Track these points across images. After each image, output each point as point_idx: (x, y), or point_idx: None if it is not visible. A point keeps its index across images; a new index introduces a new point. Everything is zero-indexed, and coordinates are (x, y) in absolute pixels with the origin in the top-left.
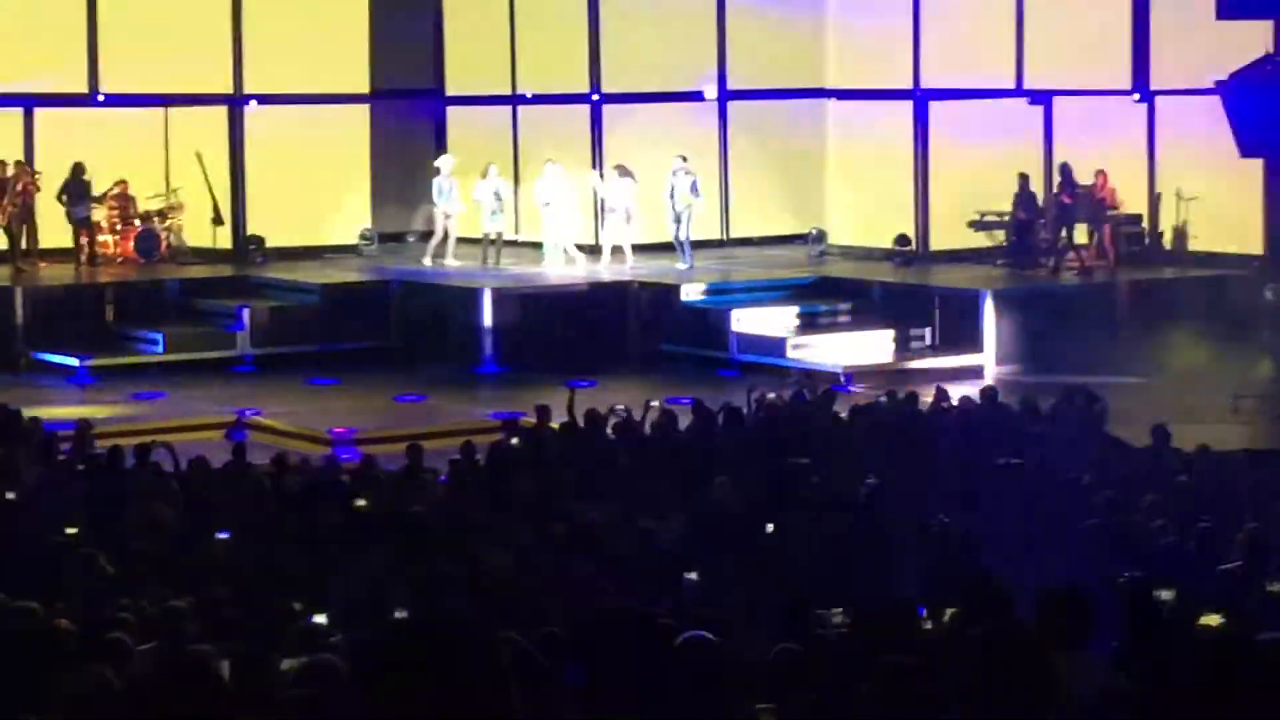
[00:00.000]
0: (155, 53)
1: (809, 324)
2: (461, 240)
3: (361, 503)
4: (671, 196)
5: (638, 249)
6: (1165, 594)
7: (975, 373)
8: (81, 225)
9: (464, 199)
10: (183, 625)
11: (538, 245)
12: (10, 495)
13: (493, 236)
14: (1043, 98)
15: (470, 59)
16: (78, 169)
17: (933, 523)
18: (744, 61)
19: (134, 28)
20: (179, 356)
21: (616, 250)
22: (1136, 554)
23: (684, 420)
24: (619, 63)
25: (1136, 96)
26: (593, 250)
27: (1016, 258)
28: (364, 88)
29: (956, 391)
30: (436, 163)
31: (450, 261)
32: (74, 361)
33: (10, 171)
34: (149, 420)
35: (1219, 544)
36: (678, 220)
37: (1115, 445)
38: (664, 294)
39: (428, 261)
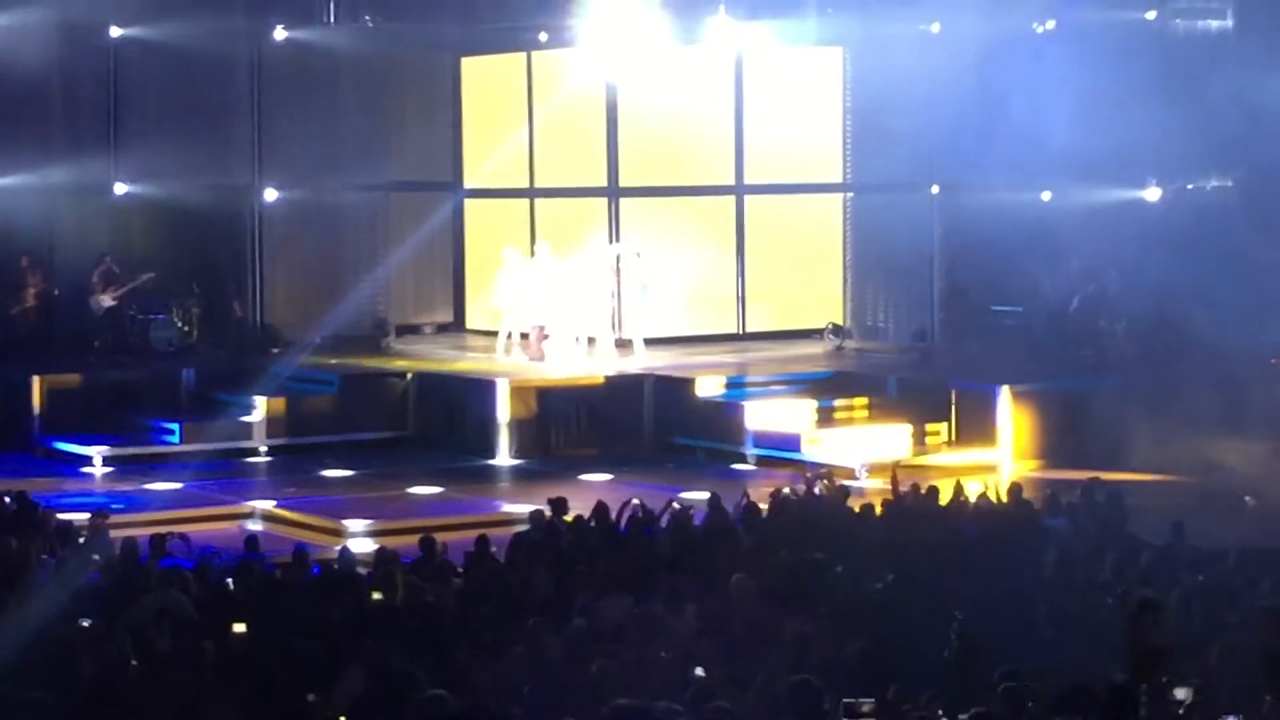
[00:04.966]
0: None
1: (825, 419)
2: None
3: (378, 596)
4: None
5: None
6: (1182, 693)
7: (992, 468)
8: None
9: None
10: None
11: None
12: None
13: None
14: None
15: (488, 154)
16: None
17: (950, 620)
18: (761, 156)
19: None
20: (195, 447)
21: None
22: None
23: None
24: (636, 157)
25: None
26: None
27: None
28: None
29: (974, 488)
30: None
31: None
32: (90, 451)
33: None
34: (164, 510)
35: (1237, 643)
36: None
37: (1134, 542)
38: (679, 387)
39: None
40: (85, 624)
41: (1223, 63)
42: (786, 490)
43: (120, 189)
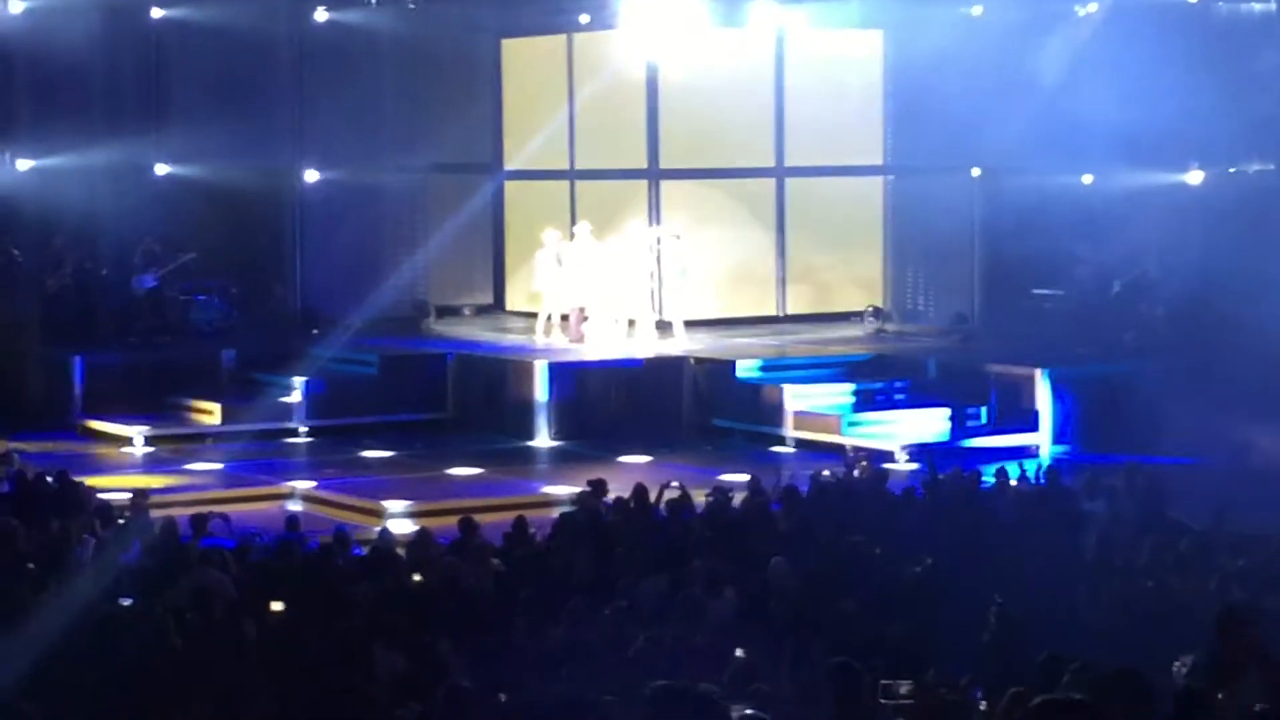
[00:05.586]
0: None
1: (864, 401)
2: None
3: (416, 577)
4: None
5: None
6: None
7: (1031, 452)
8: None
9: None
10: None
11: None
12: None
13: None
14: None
15: (529, 135)
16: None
17: (989, 603)
18: (801, 138)
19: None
20: (236, 427)
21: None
22: (1194, 638)
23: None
24: (676, 139)
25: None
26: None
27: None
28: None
29: (1013, 470)
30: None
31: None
32: (131, 431)
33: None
34: (205, 491)
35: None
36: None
37: (1174, 526)
38: (718, 369)
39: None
40: (126, 603)
41: (1266, 45)
42: (826, 473)
43: (162, 170)
